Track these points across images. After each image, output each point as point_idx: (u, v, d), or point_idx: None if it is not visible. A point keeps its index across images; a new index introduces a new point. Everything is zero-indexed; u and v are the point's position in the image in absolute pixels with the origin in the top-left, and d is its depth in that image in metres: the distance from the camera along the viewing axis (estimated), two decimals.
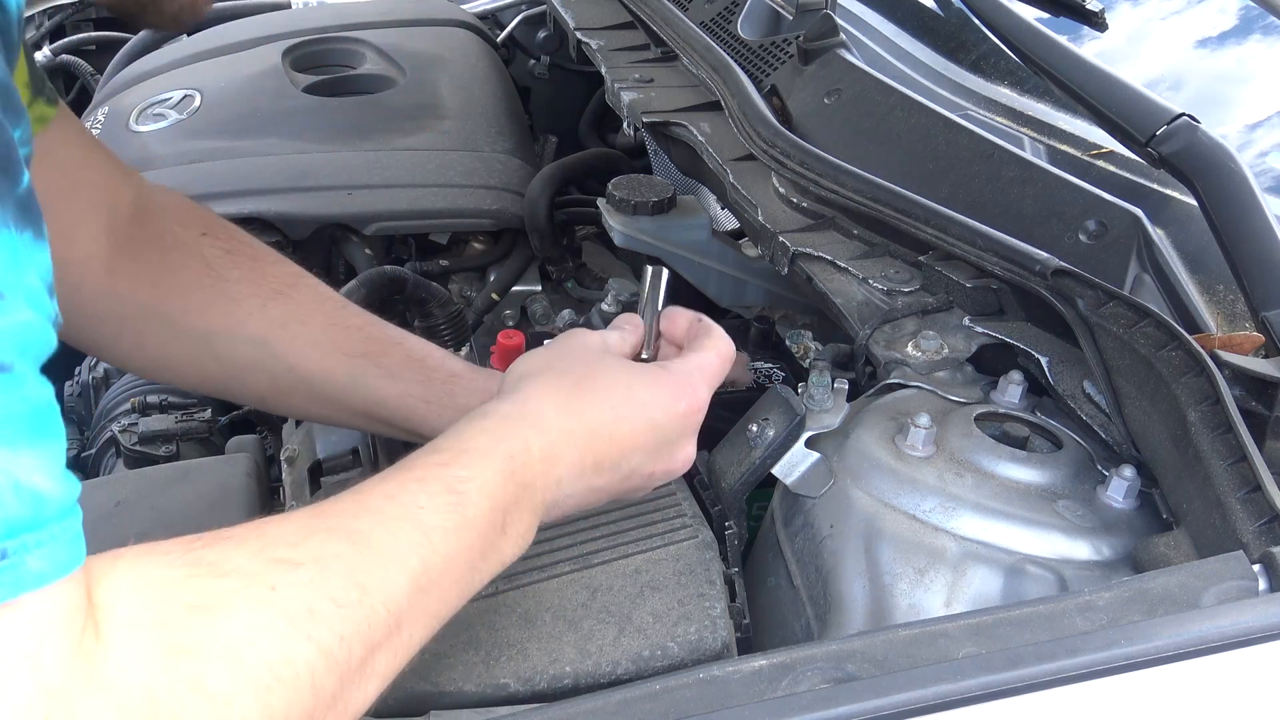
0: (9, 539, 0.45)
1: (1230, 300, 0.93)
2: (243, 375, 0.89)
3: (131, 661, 0.47)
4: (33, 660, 0.44)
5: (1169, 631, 0.60)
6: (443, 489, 0.60)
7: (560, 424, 0.67)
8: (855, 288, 1.03)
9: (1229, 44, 1.46)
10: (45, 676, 0.45)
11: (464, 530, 0.60)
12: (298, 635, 0.51)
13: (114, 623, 0.48)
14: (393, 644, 0.57)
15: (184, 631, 0.49)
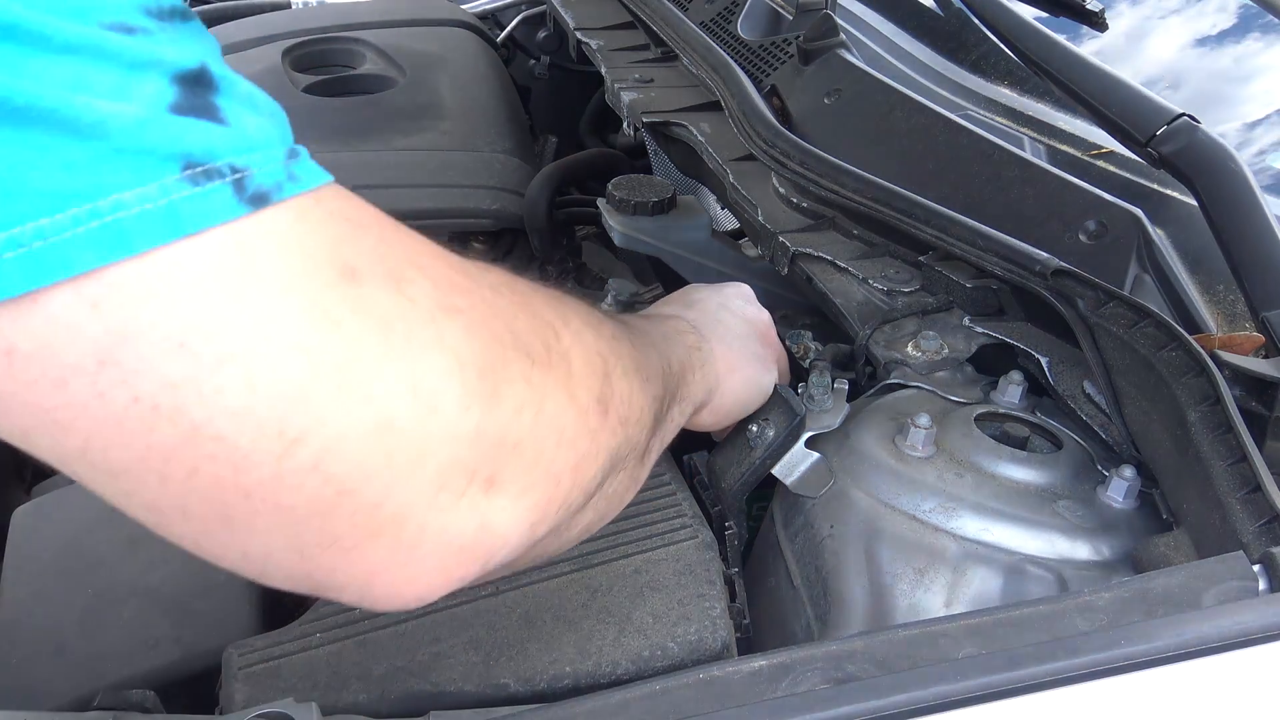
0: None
1: (1230, 300, 0.93)
2: None
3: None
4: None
5: (1169, 632, 0.60)
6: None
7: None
8: (855, 288, 1.03)
9: (1228, 43, 1.46)
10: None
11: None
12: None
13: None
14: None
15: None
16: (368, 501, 0.45)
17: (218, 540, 0.46)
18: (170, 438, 0.42)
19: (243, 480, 0.43)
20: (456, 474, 0.46)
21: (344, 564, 0.46)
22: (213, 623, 0.92)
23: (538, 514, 0.51)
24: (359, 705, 0.70)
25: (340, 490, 0.44)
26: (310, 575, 0.47)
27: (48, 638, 0.91)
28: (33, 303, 0.38)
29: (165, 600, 0.94)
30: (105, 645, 0.90)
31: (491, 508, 0.48)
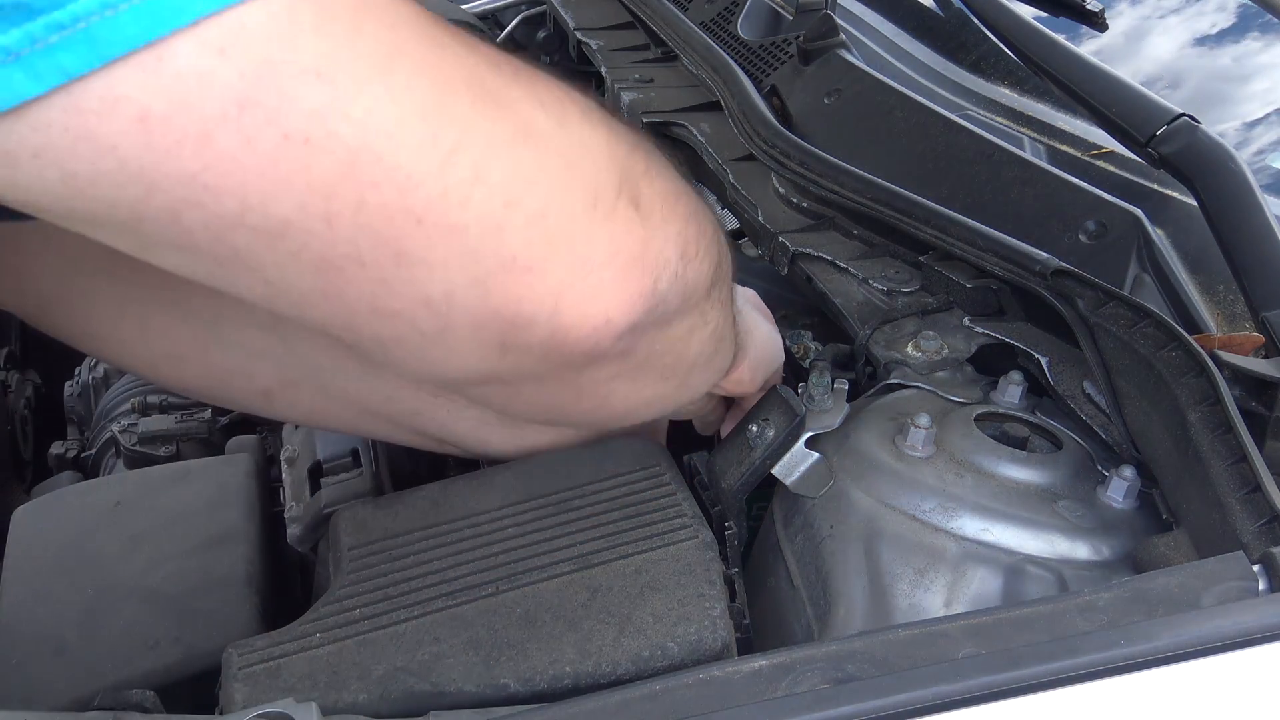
0: None
1: (1230, 300, 0.93)
2: (250, 364, 0.86)
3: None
4: None
5: (1169, 632, 0.60)
6: None
7: None
8: (855, 288, 1.03)
9: (1227, 42, 1.46)
10: None
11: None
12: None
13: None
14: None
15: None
16: (533, 211, 0.44)
17: (396, 290, 0.44)
18: (329, 170, 0.41)
19: (410, 202, 0.42)
20: (605, 188, 0.47)
21: (527, 288, 0.45)
22: (213, 623, 0.93)
23: (681, 243, 0.51)
24: (359, 705, 0.70)
25: (506, 201, 0.44)
26: (497, 312, 0.46)
27: (48, 638, 0.91)
28: (158, 60, 0.37)
29: (165, 600, 0.94)
30: (105, 645, 0.90)
31: (644, 223, 0.48)
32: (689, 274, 0.54)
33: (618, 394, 0.58)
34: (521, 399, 0.55)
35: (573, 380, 0.53)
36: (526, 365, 0.49)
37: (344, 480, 0.99)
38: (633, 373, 0.56)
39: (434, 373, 0.50)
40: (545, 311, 0.47)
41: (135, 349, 0.86)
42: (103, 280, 0.82)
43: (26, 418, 1.55)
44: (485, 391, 0.54)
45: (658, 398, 0.62)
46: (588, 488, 0.84)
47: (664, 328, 0.55)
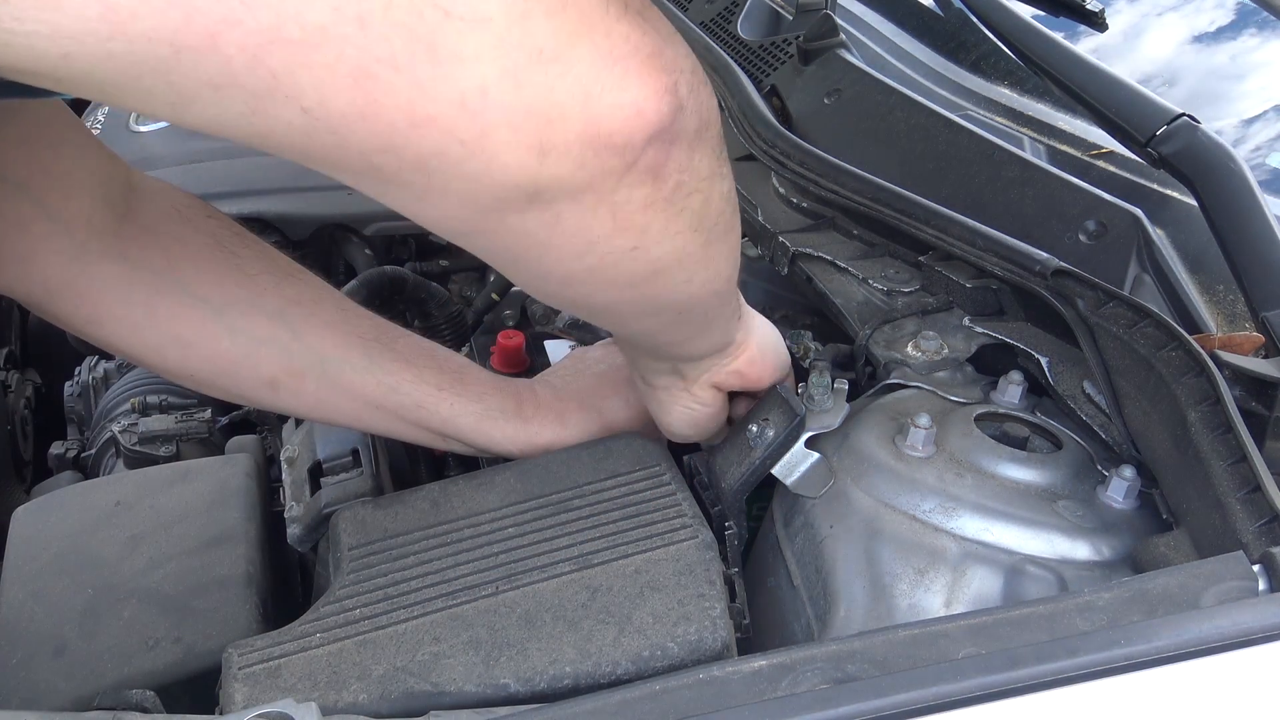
0: None
1: (1230, 300, 0.93)
2: (256, 352, 0.86)
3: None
4: None
5: (1169, 632, 0.60)
6: None
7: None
8: (855, 288, 1.03)
9: (1225, 40, 1.47)
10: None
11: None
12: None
13: None
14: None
15: None
16: (553, 5, 0.46)
17: (432, 92, 0.45)
18: None
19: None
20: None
21: (557, 77, 0.47)
22: (213, 623, 0.93)
23: (691, 61, 0.54)
24: (359, 705, 0.70)
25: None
26: (530, 106, 0.47)
27: (48, 638, 0.91)
28: None
29: (165, 600, 0.94)
30: (105, 645, 0.90)
31: (657, 31, 0.50)
32: (704, 96, 0.56)
33: (653, 231, 0.58)
34: (562, 229, 0.54)
35: (609, 199, 0.54)
36: (565, 171, 0.50)
37: (344, 480, 0.99)
38: (665, 205, 0.57)
39: (474, 195, 0.50)
40: (577, 102, 0.48)
41: (143, 333, 0.86)
42: (110, 264, 0.83)
43: (26, 418, 1.55)
44: (522, 223, 0.53)
45: (687, 255, 0.63)
46: (588, 488, 0.84)
47: (689, 151, 0.56)
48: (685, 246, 0.62)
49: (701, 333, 0.80)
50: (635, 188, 0.54)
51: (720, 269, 0.68)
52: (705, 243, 0.63)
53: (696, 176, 0.58)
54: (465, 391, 0.91)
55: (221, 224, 0.88)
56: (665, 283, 0.65)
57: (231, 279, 0.86)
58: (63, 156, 0.81)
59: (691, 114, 0.54)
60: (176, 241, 0.85)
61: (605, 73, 0.48)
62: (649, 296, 0.66)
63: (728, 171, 0.63)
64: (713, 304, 0.73)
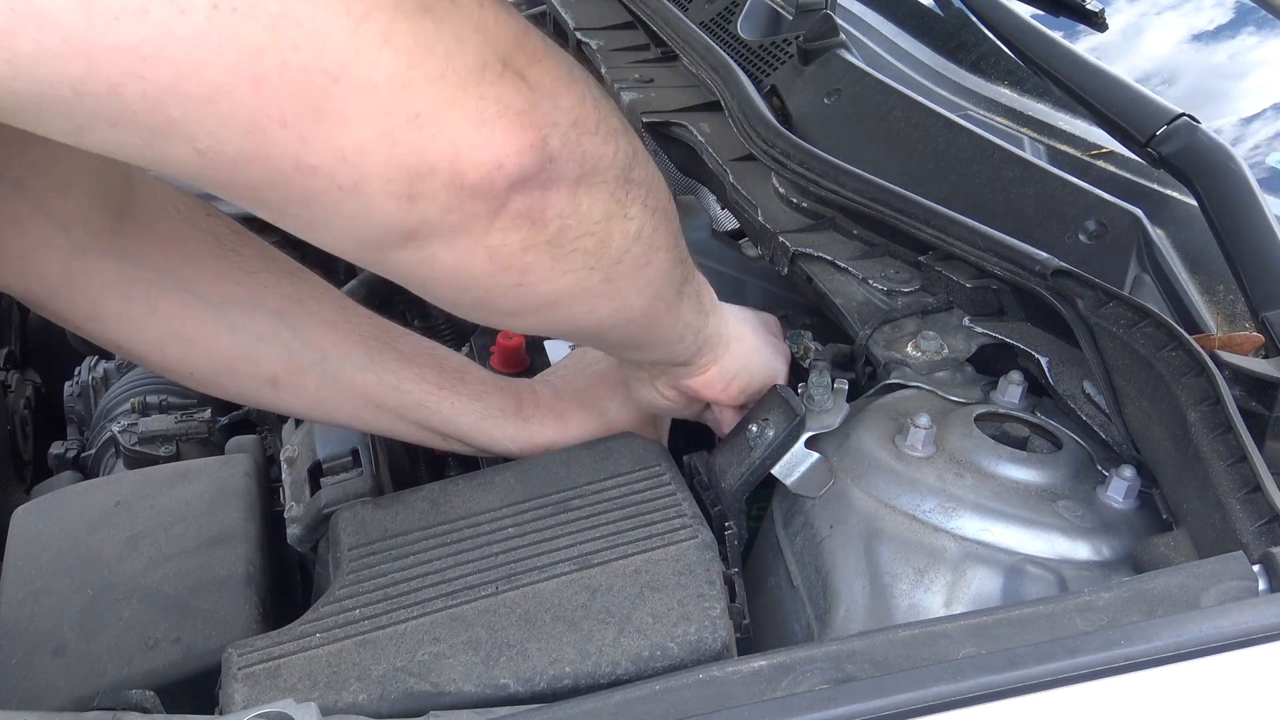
0: None
1: (1230, 300, 0.93)
2: (257, 349, 0.86)
3: None
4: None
5: (1169, 632, 0.60)
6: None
7: None
8: (855, 288, 1.03)
9: (1223, 38, 1.47)
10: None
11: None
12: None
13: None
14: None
15: None
16: (433, 72, 0.50)
17: (316, 147, 0.50)
18: (256, 36, 0.45)
19: (327, 63, 0.47)
20: (492, 60, 0.53)
21: (430, 139, 0.51)
22: (213, 623, 0.93)
23: (574, 115, 0.58)
24: (359, 705, 0.70)
25: (410, 63, 0.49)
26: (404, 163, 0.52)
27: (48, 638, 0.91)
28: None
29: (165, 600, 0.94)
30: (105, 645, 0.90)
31: (532, 91, 0.55)
32: (586, 144, 0.59)
33: (537, 270, 0.62)
34: (440, 266, 0.59)
35: (482, 242, 0.58)
36: (434, 216, 0.55)
37: (344, 480, 0.99)
38: (548, 248, 0.61)
39: (353, 230, 0.55)
40: (446, 159, 0.52)
41: (143, 330, 0.86)
42: (109, 261, 0.83)
43: (26, 418, 1.55)
44: (403, 258, 0.58)
45: (584, 291, 0.66)
46: (588, 488, 0.84)
47: (569, 196, 0.60)
48: (582, 283, 0.65)
49: (636, 351, 0.83)
50: (509, 231, 0.58)
51: (630, 301, 0.71)
52: (606, 279, 0.67)
53: (587, 220, 0.62)
54: (465, 390, 0.91)
55: (221, 222, 0.88)
56: (562, 314, 0.68)
57: (232, 276, 0.86)
58: (59, 155, 0.81)
59: (567, 162, 0.58)
60: (176, 239, 0.85)
61: (474, 133, 0.53)
62: (548, 323, 0.70)
63: (638, 213, 0.66)
64: (632, 331, 0.76)
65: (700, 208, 1.36)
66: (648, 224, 0.67)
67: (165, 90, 0.46)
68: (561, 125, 0.57)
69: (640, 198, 0.66)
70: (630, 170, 0.64)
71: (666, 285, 0.74)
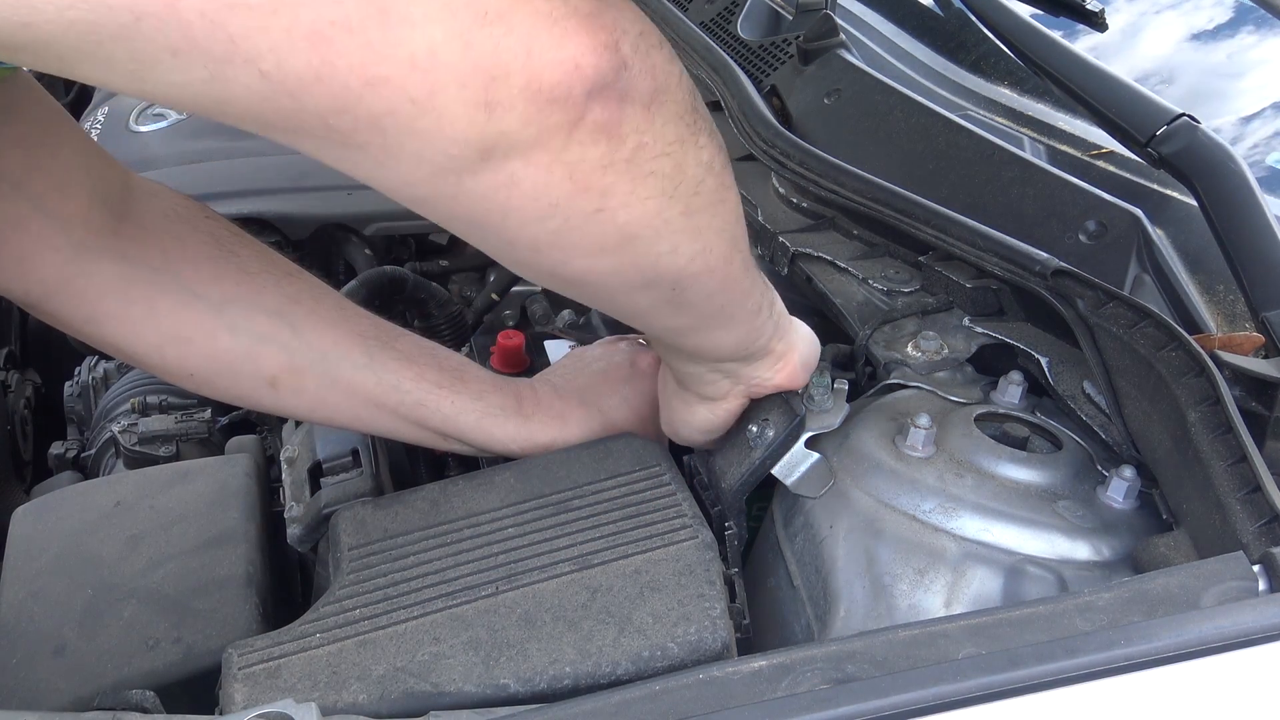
0: None
1: (1230, 300, 0.93)
2: (257, 349, 0.86)
3: None
4: None
5: (1169, 632, 0.60)
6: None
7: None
8: (855, 288, 1.03)
9: (1222, 37, 1.47)
10: None
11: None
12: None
13: None
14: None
15: None
16: None
17: (384, 53, 0.48)
18: None
19: None
20: None
21: (501, 37, 0.50)
22: (213, 623, 0.92)
23: (640, 24, 0.56)
24: (359, 705, 0.70)
25: None
26: (477, 65, 0.50)
27: (48, 638, 0.91)
28: None
29: (165, 600, 0.94)
30: (105, 645, 0.90)
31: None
32: (655, 57, 0.58)
33: (617, 193, 0.59)
34: (519, 191, 0.56)
35: (561, 158, 0.55)
36: (513, 126, 0.52)
37: (344, 480, 0.99)
38: (626, 167, 0.58)
39: (428, 154, 0.53)
40: (519, 59, 0.50)
41: (142, 332, 0.85)
42: (108, 262, 0.83)
43: (26, 418, 1.55)
44: (481, 184, 0.55)
45: (665, 223, 0.63)
46: (588, 488, 0.84)
47: (646, 112, 0.58)
48: (661, 213, 0.62)
49: (713, 323, 0.77)
50: (588, 146, 0.55)
51: (712, 244, 0.68)
52: (686, 212, 0.64)
53: (661, 140, 0.59)
54: (465, 389, 0.91)
55: (219, 224, 0.88)
56: (643, 251, 0.64)
57: (231, 277, 0.86)
58: (59, 157, 0.81)
59: (640, 74, 0.56)
60: (175, 240, 0.85)
61: (545, 32, 0.51)
62: (627, 266, 0.65)
63: (707, 142, 0.64)
64: (713, 286, 0.71)
65: None
66: (718, 157, 0.66)
67: (224, 3, 0.45)
68: (630, 33, 0.55)
69: (707, 129, 0.64)
70: (695, 97, 0.63)
71: (741, 233, 0.72)
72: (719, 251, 0.69)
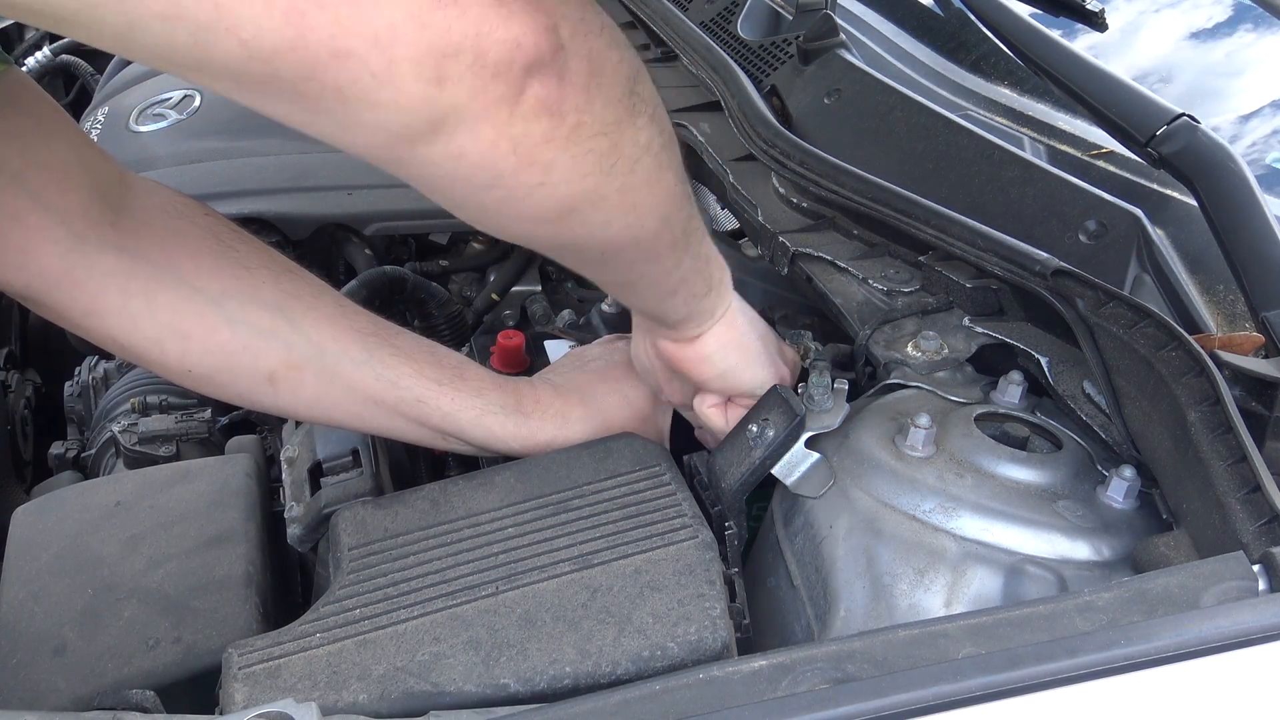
0: None
1: (1230, 300, 0.93)
2: (256, 344, 0.86)
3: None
4: None
5: (1169, 632, 0.60)
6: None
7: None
8: (855, 288, 1.03)
9: (1221, 36, 1.47)
10: None
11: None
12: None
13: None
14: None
15: None
16: None
17: (350, 28, 0.53)
18: None
19: None
20: None
21: (454, 19, 0.54)
22: (213, 623, 0.93)
23: (580, 11, 0.61)
24: (359, 705, 0.70)
25: None
26: (431, 45, 0.54)
27: (48, 638, 0.91)
28: None
29: (165, 600, 0.94)
30: (105, 645, 0.90)
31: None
32: (592, 43, 0.62)
33: (558, 169, 0.63)
34: (467, 160, 0.60)
35: (507, 132, 0.59)
36: (461, 99, 0.57)
37: (344, 480, 0.99)
38: (567, 144, 0.63)
39: (385, 122, 0.57)
40: (470, 38, 0.55)
41: (142, 325, 0.86)
42: (108, 255, 0.83)
43: (26, 418, 1.55)
44: (432, 153, 0.60)
45: (601, 198, 0.68)
46: (588, 488, 0.84)
47: (582, 91, 0.62)
48: (600, 188, 0.66)
49: (630, 290, 0.83)
50: (530, 121, 0.60)
51: (643, 219, 0.72)
52: (621, 189, 0.68)
53: (600, 120, 0.63)
54: (464, 387, 0.91)
55: (217, 221, 0.89)
56: (580, 222, 0.68)
57: (229, 272, 0.86)
58: (57, 151, 0.81)
59: (575, 56, 0.60)
60: (173, 235, 0.86)
61: (493, 13, 0.56)
62: (564, 234, 0.70)
63: (646, 124, 0.68)
64: (637, 256, 0.76)
65: (700, 207, 1.36)
66: (656, 139, 0.69)
67: None
68: (570, 19, 0.60)
69: (647, 112, 0.68)
70: (635, 84, 0.66)
71: (676, 214, 0.76)
72: (649, 228, 0.74)
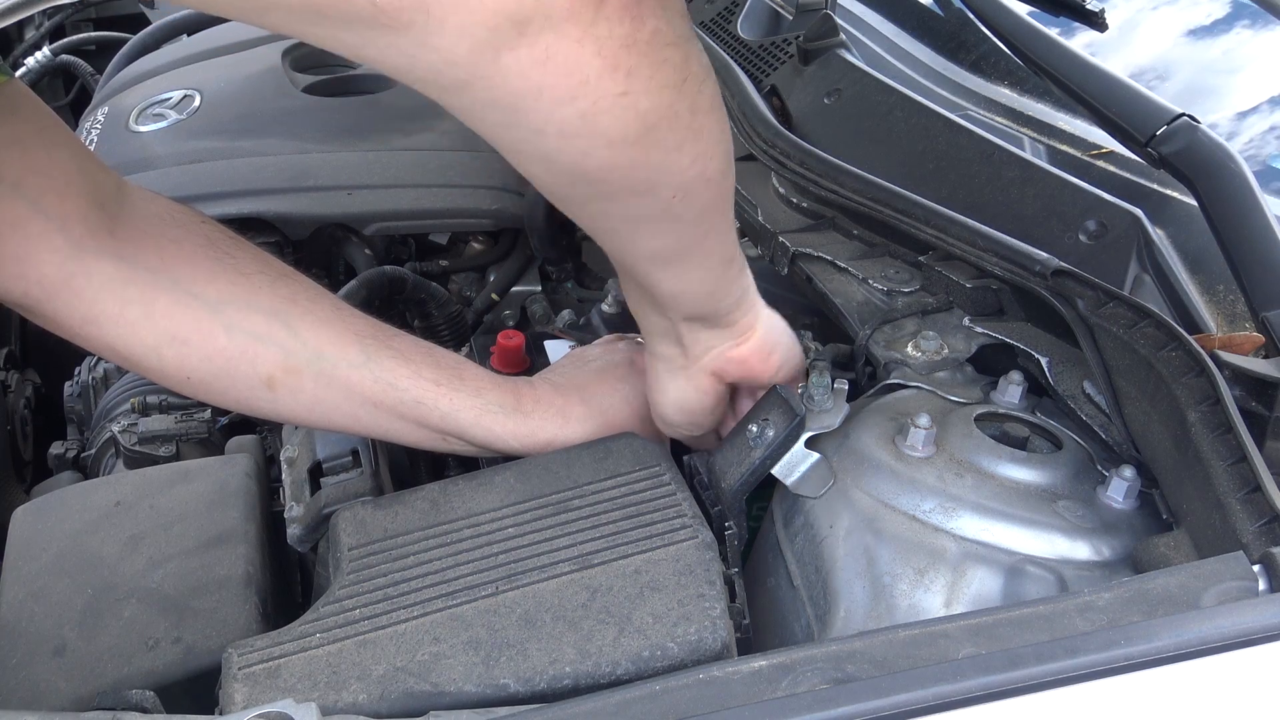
0: None
1: (1230, 300, 0.93)
2: (254, 349, 0.86)
3: None
4: None
5: (1169, 632, 0.60)
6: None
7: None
8: (855, 288, 1.03)
9: (1218, 33, 1.46)
10: None
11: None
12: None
13: None
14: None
15: None
16: None
17: None
18: None
19: None
20: None
21: None
22: (213, 623, 0.93)
23: None
24: (359, 705, 0.70)
25: None
26: None
27: (48, 638, 0.91)
28: None
29: (165, 600, 0.94)
30: (105, 645, 0.90)
31: None
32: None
33: (639, 76, 0.62)
34: (553, 66, 0.60)
35: (591, 31, 0.59)
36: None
37: (344, 480, 0.99)
38: (646, 47, 0.62)
39: (470, 24, 0.57)
40: None
41: (140, 332, 0.86)
42: (106, 262, 0.83)
43: (26, 418, 1.55)
44: (518, 59, 0.59)
45: (675, 116, 0.67)
46: (588, 488, 0.84)
47: (660, 2, 0.62)
48: (672, 105, 0.66)
49: (693, 253, 0.80)
50: (614, 23, 0.60)
51: (712, 151, 0.72)
52: (691, 109, 0.68)
53: (673, 30, 0.64)
54: (463, 387, 0.91)
55: (214, 228, 0.89)
56: (656, 143, 0.68)
57: (226, 277, 0.86)
58: (56, 158, 0.81)
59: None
60: (170, 242, 0.86)
61: None
62: (641, 162, 0.69)
63: (703, 52, 0.68)
64: (706, 200, 0.75)
65: None
66: (712, 72, 0.70)
67: None
68: None
69: (700, 45, 0.69)
70: (686, 11, 0.67)
71: (730, 157, 0.75)
72: (716, 163, 0.73)
